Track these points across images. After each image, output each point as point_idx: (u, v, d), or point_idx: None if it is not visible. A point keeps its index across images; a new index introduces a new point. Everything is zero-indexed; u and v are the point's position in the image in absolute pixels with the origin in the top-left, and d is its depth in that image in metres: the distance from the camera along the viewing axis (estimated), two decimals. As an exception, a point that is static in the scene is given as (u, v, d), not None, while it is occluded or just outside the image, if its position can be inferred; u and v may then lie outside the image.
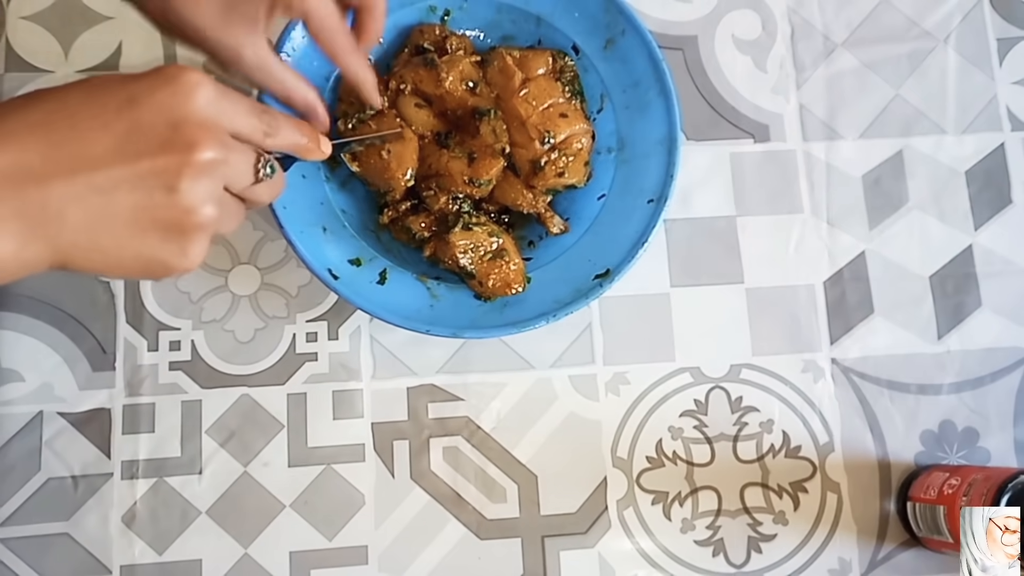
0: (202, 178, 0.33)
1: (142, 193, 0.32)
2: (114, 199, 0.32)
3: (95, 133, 0.31)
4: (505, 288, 0.50)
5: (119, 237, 0.32)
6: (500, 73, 0.52)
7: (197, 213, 0.33)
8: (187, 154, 0.32)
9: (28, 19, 0.58)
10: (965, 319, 0.58)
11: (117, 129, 0.32)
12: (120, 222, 0.32)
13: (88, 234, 0.32)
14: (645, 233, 0.51)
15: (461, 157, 0.51)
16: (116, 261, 0.33)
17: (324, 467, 0.53)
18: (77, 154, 0.31)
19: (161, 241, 0.33)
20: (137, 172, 0.32)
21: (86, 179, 0.31)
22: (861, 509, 0.55)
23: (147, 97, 0.32)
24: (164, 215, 0.33)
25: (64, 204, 0.31)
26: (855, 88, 0.61)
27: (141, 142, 0.32)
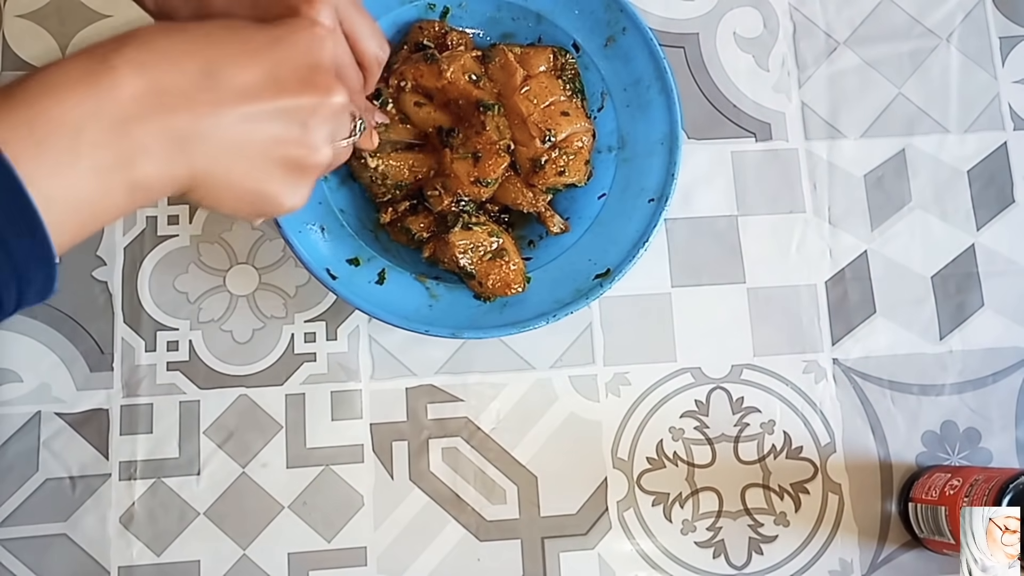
0: (330, 121, 0.35)
1: (280, 127, 0.33)
2: (254, 129, 0.33)
3: (244, 65, 0.32)
4: (505, 288, 0.50)
5: (250, 167, 0.33)
6: (501, 70, 0.52)
7: (319, 152, 0.35)
8: (324, 96, 0.34)
9: (24, 17, 0.58)
10: (967, 319, 0.58)
11: (264, 64, 0.33)
12: (254, 153, 0.33)
13: (224, 161, 0.32)
14: (646, 233, 0.51)
15: (466, 158, 0.51)
16: (238, 192, 0.34)
17: (323, 468, 0.53)
18: (226, 83, 0.32)
19: (282, 176, 0.34)
20: (280, 107, 0.33)
21: (233, 108, 0.32)
22: (862, 510, 0.55)
23: (289, 39, 0.34)
24: (293, 151, 0.34)
25: (209, 130, 0.32)
26: (857, 87, 0.60)
27: (285, 79, 0.33)
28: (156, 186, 0.31)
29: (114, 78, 0.30)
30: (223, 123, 0.32)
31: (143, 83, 0.30)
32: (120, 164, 0.30)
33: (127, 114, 0.30)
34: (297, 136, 0.34)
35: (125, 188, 0.30)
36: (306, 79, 0.34)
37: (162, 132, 0.31)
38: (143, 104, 0.30)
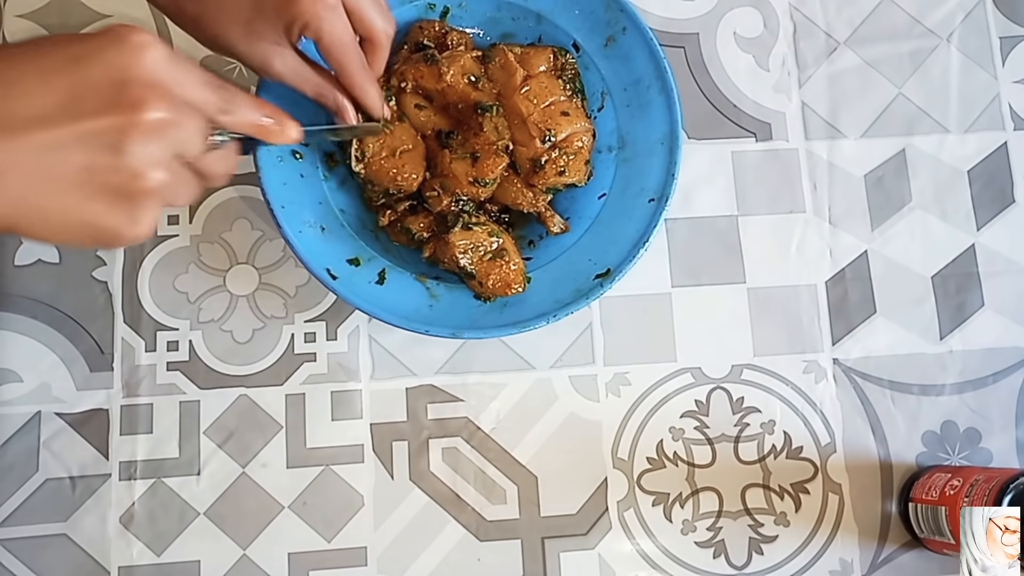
0: (149, 140, 0.32)
1: (86, 155, 0.31)
2: (57, 160, 0.31)
3: (37, 91, 0.30)
4: (505, 288, 0.50)
5: (64, 202, 0.31)
6: (501, 69, 0.52)
7: (145, 177, 0.32)
8: (133, 114, 0.31)
9: (24, 17, 0.58)
10: (967, 319, 0.58)
11: (59, 87, 0.31)
12: (64, 185, 0.31)
13: (32, 197, 0.31)
14: (646, 233, 0.51)
15: (464, 158, 0.51)
16: (62, 227, 0.32)
17: (323, 468, 0.53)
18: (17, 113, 0.30)
19: (109, 207, 0.32)
20: (80, 132, 0.31)
21: (27, 139, 0.30)
22: (862, 510, 0.55)
23: (93, 55, 0.31)
24: (110, 179, 0.31)
25: (5, 165, 0.30)
26: (857, 87, 0.60)
27: (85, 101, 0.31)
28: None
29: None
30: (19, 155, 0.30)
31: None
32: None
33: None
34: (108, 163, 0.31)
35: None
36: (111, 99, 0.31)
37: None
38: None
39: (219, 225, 0.56)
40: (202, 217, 0.56)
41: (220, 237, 0.56)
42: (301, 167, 0.52)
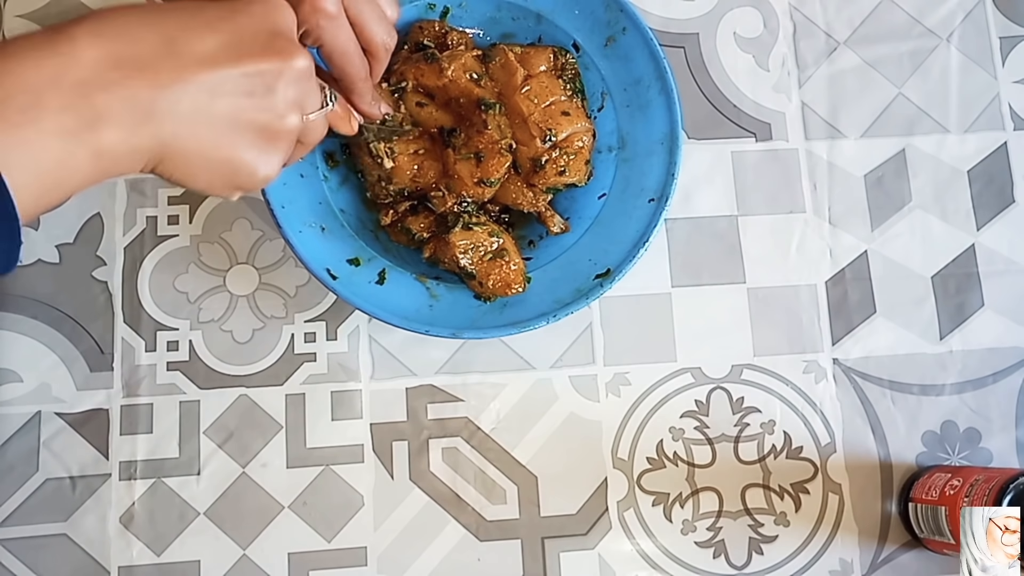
0: (295, 85, 0.35)
1: (244, 92, 0.33)
2: (219, 96, 0.33)
3: (205, 33, 0.33)
4: (505, 288, 0.50)
5: (217, 135, 0.33)
6: (502, 69, 0.52)
7: (287, 118, 0.35)
8: (286, 59, 0.34)
9: (24, 17, 0.58)
10: (967, 319, 0.58)
11: (224, 31, 0.33)
12: (220, 120, 0.33)
13: (190, 130, 0.32)
14: (646, 232, 0.51)
15: (469, 158, 0.51)
16: (209, 163, 0.34)
17: (323, 468, 0.53)
18: (188, 51, 0.32)
19: (252, 143, 0.34)
20: (242, 71, 0.33)
21: (195, 75, 0.32)
22: (862, 510, 0.54)
23: (247, 8, 0.34)
24: (260, 116, 0.34)
25: (173, 98, 0.32)
26: (857, 87, 0.60)
27: (245, 45, 0.33)
28: (122, 154, 0.31)
29: (73, 46, 0.30)
30: (186, 91, 0.32)
31: (102, 51, 0.30)
32: (83, 129, 0.30)
33: (87, 80, 0.30)
34: (262, 101, 0.34)
35: (90, 154, 0.30)
36: (267, 44, 0.34)
37: (124, 99, 0.31)
38: (103, 71, 0.30)
39: (219, 225, 0.56)
40: (202, 217, 0.56)
41: (220, 237, 0.56)
42: (301, 167, 0.52)
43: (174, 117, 0.32)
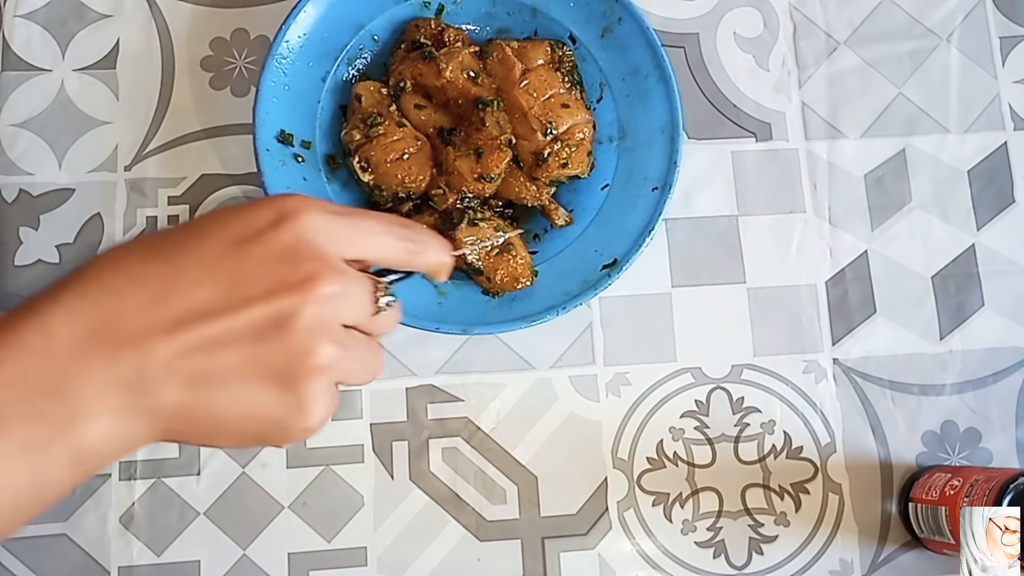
0: (317, 316, 0.29)
1: (252, 341, 0.28)
2: (223, 352, 0.28)
3: (199, 280, 0.28)
4: (513, 283, 0.50)
5: (229, 396, 0.28)
6: (500, 64, 0.52)
7: (314, 355, 0.29)
8: (303, 291, 0.29)
9: (24, 17, 0.58)
10: (967, 319, 0.58)
11: (223, 273, 0.28)
12: (229, 378, 0.28)
13: (194, 397, 0.28)
14: (651, 221, 0.51)
15: (468, 155, 0.51)
16: (226, 425, 0.29)
17: (323, 468, 0.53)
18: (180, 306, 0.28)
19: (272, 395, 0.29)
20: (245, 320, 0.28)
21: (191, 334, 0.27)
22: (862, 510, 0.54)
23: (256, 235, 0.29)
24: (274, 362, 0.28)
25: (167, 365, 0.27)
26: (857, 87, 0.60)
27: (251, 285, 0.28)
28: (111, 448, 0.27)
29: (43, 328, 0.26)
30: (181, 353, 0.27)
31: (78, 326, 0.26)
32: (56, 435, 0.25)
33: (59, 371, 0.25)
34: (274, 345, 0.28)
35: (66, 461, 0.26)
36: (277, 279, 0.29)
37: (108, 385, 0.26)
38: (79, 352, 0.26)
39: (219, 225, 0.56)
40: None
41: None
42: (304, 170, 0.52)
43: (173, 389, 0.27)
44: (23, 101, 0.57)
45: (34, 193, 0.56)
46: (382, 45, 0.55)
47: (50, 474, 0.26)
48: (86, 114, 0.57)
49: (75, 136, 0.57)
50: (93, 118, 0.57)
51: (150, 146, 0.57)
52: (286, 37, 0.51)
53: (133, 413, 0.27)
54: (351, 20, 0.53)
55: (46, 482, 0.26)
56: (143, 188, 0.56)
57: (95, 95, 0.57)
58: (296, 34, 0.51)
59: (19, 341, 0.25)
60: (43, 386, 0.25)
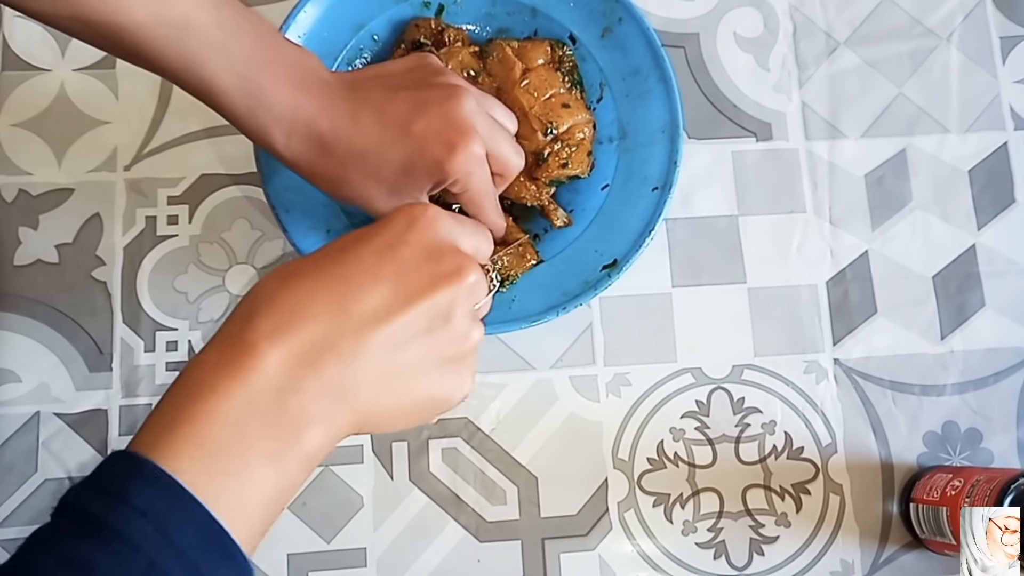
0: (469, 301, 0.34)
1: (423, 332, 0.32)
2: (400, 347, 0.32)
3: (370, 287, 0.32)
4: (521, 264, 0.51)
5: (409, 383, 0.32)
6: (500, 64, 0.52)
7: (471, 337, 0.34)
8: (456, 282, 0.33)
9: (24, 17, 0.58)
10: (968, 319, 0.57)
11: (386, 277, 0.32)
12: (409, 368, 0.32)
13: (384, 390, 0.32)
14: (651, 222, 0.50)
15: None
16: (407, 410, 0.33)
17: (322, 469, 0.53)
18: (359, 314, 0.31)
19: (444, 376, 0.33)
20: (416, 314, 0.32)
21: (373, 336, 0.31)
22: (864, 511, 0.54)
23: (399, 240, 0.33)
24: (445, 349, 0.33)
25: (360, 368, 0.31)
26: (857, 87, 0.60)
27: (412, 283, 0.32)
28: (327, 447, 0.31)
29: (257, 356, 0.29)
30: (371, 357, 0.31)
31: (284, 350, 0.30)
32: (289, 444, 0.29)
33: (280, 390, 0.29)
34: (443, 334, 0.33)
35: (299, 464, 0.30)
36: (433, 272, 0.33)
37: (317, 393, 0.30)
38: (291, 372, 0.29)
39: (219, 225, 0.56)
40: (201, 217, 0.56)
41: (220, 237, 0.56)
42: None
43: (366, 385, 0.31)
44: (23, 101, 0.57)
45: (34, 193, 0.56)
46: (382, 45, 0.55)
47: (287, 476, 0.30)
48: (86, 114, 0.57)
49: (75, 136, 0.57)
50: (93, 118, 0.57)
51: (150, 146, 0.57)
52: (296, 21, 0.50)
53: (340, 416, 0.31)
54: (351, 20, 0.53)
55: (284, 485, 0.30)
56: (143, 188, 0.56)
57: (95, 95, 0.57)
58: (296, 34, 0.51)
59: (243, 369, 0.29)
60: (271, 408, 0.29)
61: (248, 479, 0.28)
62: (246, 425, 0.28)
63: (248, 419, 0.29)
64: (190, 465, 0.27)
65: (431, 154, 0.41)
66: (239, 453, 0.28)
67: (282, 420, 0.29)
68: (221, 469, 0.28)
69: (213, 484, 0.27)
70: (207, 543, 0.27)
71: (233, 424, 0.28)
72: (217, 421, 0.28)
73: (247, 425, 0.28)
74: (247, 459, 0.28)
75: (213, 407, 0.28)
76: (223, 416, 0.28)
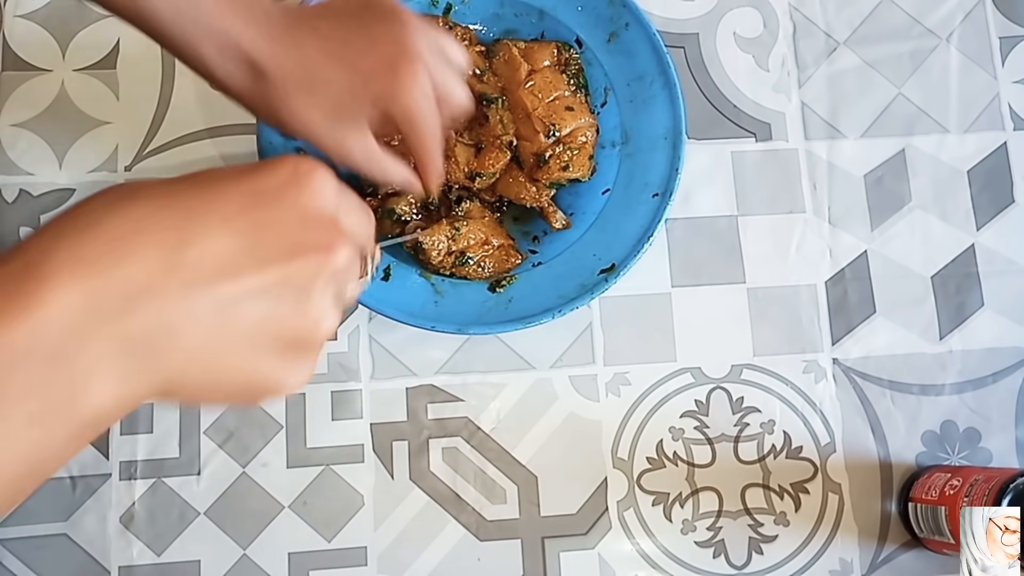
0: (335, 283, 0.29)
1: (268, 304, 0.27)
2: (236, 313, 0.27)
3: (217, 233, 0.26)
4: (504, 266, 0.51)
5: (236, 358, 0.27)
6: (506, 64, 0.52)
7: (323, 325, 0.29)
8: (323, 257, 0.28)
9: (24, 17, 0.58)
10: (967, 319, 0.58)
11: (242, 228, 0.27)
12: (238, 340, 0.27)
13: (203, 356, 0.27)
14: (650, 228, 0.51)
15: (469, 145, 0.51)
16: (226, 387, 0.28)
17: (323, 468, 0.53)
18: (195, 262, 0.26)
19: (278, 359, 0.28)
20: (267, 280, 0.27)
21: (206, 291, 0.26)
22: (862, 510, 0.55)
23: (274, 192, 0.28)
24: (289, 329, 0.28)
25: (177, 325, 0.26)
26: (857, 87, 0.60)
27: (271, 244, 0.27)
28: (114, 413, 0.26)
29: (46, 293, 0.24)
30: (198, 311, 0.26)
31: (83, 288, 0.24)
32: (61, 405, 0.24)
33: (64, 339, 0.24)
34: (291, 312, 0.28)
35: (73, 428, 0.25)
36: (299, 242, 0.28)
37: (118, 348, 0.25)
38: (83, 318, 0.24)
39: (219, 225, 0.56)
40: (202, 217, 0.56)
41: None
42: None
43: (183, 347, 0.26)
44: (23, 101, 0.57)
45: (34, 193, 0.56)
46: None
47: (55, 445, 0.25)
48: (86, 114, 0.57)
49: (75, 136, 0.57)
50: (93, 118, 0.57)
51: (150, 146, 0.57)
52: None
53: (142, 375, 0.26)
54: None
55: (47, 456, 0.25)
56: (143, 188, 0.56)
57: (95, 95, 0.57)
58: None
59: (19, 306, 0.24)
60: (43, 355, 0.24)
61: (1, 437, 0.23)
62: (10, 377, 0.23)
63: (14, 369, 0.23)
64: None
65: (376, 82, 0.39)
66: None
67: (58, 377, 0.24)
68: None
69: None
70: None
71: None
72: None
73: (12, 377, 0.23)
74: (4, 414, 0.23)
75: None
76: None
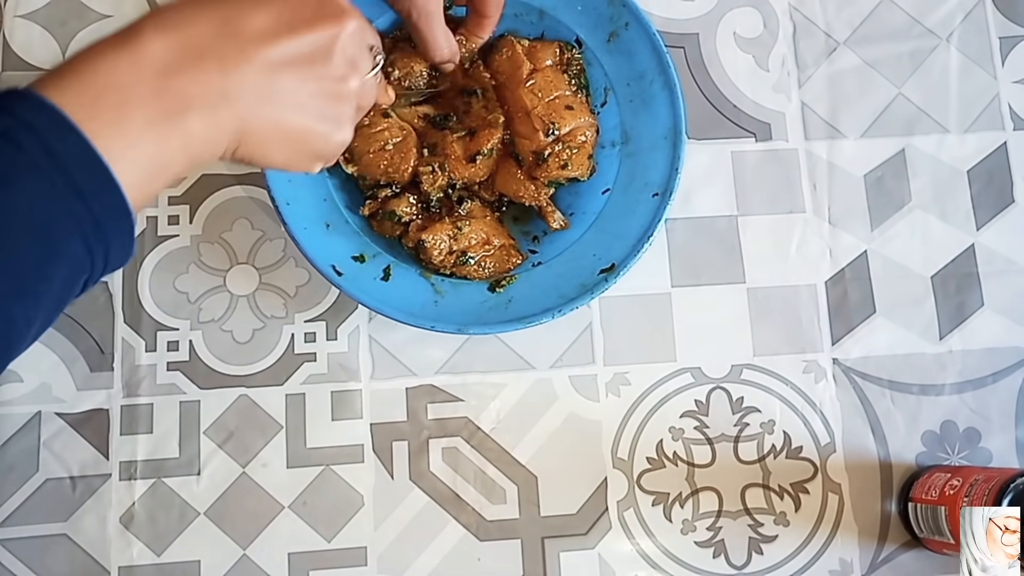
0: (350, 46, 0.36)
1: (304, 61, 0.34)
2: (281, 69, 0.34)
3: (257, 10, 0.33)
4: (504, 266, 0.52)
5: (288, 108, 0.34)
6: (508, 61, 0.52)
7: (349, 80, 0.36)
8: (340, 23, 0.35)
9: (25, 17, 0.58)
10: (967, 319, 0.58)
11: (274, 5, 0.34)
12: (288, 92, 0.34)
13: (260, 106, 0.33)
14: (650, 227, 0.51)
15: (463, 136, 0.51)
16: (286, 136, 0.35)
17: (323, 468, 0.53)
18: (245, 30, 0.33)
19: (322, 109, 0.36)
20: (300, 42, 0.34)
21: (256, 52, 0.33)
22: (862, 510, 0.55)
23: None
24: (322, 83, 0.35)
25: (240, 78, 0.32)
26: (857, 87, 0.60)
27: (297, 15, 0.34)
28: (208, 140, 0.32)
29: (141, 40, 0.31)
30: (251, 69, 0.33)
31: (168, 42, 0.31)
32: (171, 117, 0.31)
33: (163, 69, 0.31)
34: (323, 67, 0.35)
35: (180, 141, 0.31)
36: (317, 11, 0.35)
37: (199, 84, 0.32)
38: (175, 59, 0.31)
39: (219, 225, 0.56)
40: (202, 217, 0.56)
41: (220, 237, 0.56)
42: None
43: (244, 97, 0.33)
44: (23, 101, 0.57)
45: (34, 193, 0.56)
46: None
47: (169, 152, 0.31)
48: (86, 114, 0.57)
49: (75, 136, 0.57)
50: (93, 118, 0.57)
51: (150, 146, 0.57)
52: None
53: (219, 113, 0.32)
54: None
55: (166, 160, 0.31)
56: (143, 188, 0.56)
57: (95, 95, 0.57)
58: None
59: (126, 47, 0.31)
60: (154, 80, 0.31)
61: (128, 134, 0.30)
62: (131, 90, 0.30)
63: (132, 86, 0.30)
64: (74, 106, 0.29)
65: None
66: (122, 111, 0.30)
67: (164, 94, 0.31)
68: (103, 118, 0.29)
69: (94, 127, 0.29)
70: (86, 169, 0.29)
71: (118, 85, 0.30)
72: (103, 80, 0.30)
73: (132, 90, 0.30)
74: (129, 118, 0.30)
75: (99, 69, 0.30)
76: (108, 77, 0.30)
